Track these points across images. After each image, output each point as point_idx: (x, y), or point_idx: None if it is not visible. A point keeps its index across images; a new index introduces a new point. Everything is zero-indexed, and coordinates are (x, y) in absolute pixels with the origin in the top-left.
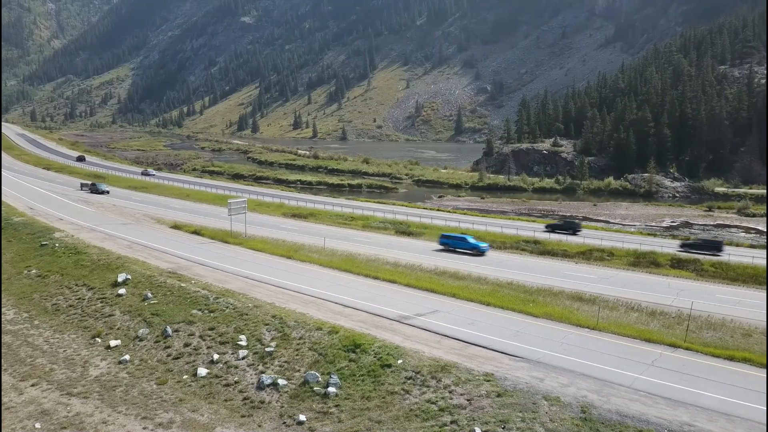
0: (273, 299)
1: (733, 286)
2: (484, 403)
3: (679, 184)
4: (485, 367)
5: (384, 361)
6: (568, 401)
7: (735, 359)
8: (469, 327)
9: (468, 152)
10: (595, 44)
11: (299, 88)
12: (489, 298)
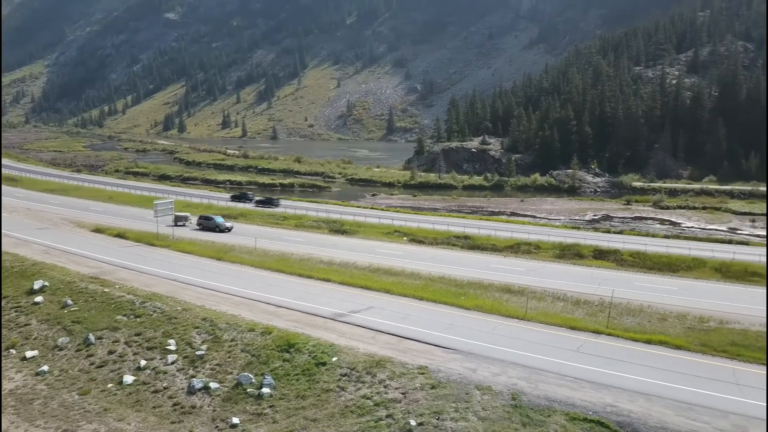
0: (203, 302)
1: (650, 274)
2: (418, 396)
3: (600, 179)
4: (419, 361)
5: (319, 360)
6: (499, 389)
7: (652, 342)
8: (404, 322)
9: (400, 151)
10: (520, 45)
11: (228, 86)
12: (422, 292)
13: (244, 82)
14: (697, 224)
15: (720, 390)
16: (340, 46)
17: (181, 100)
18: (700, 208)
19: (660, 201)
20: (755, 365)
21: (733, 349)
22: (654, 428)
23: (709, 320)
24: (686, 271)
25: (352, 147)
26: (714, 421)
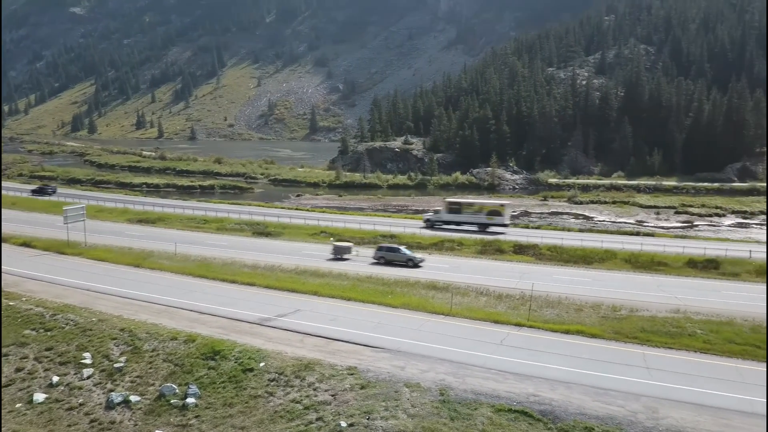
0: (120, 311)
1: (566, 267)
2: (348, 397)
3: (518, 176)
4: (348, 361)
5: (246, 366)
6: (427, 386)
7: (570, 332)
8: (332, 323)
9: (324, 151)
10: (439, 46)
11: (141, 85)
12: (350, 293)
13: (159, 81)
14: (608, 218)
15: (632, 374)
16: (259, 44)
17: (90, 99)
18: (610, 203)
19: (574, 196)
20: (662, 349)
21: (643, 335)
22: (574, 414)
23: (621, 309)
24: (599, 263)
25: (275, 147)
26: (627, 404)
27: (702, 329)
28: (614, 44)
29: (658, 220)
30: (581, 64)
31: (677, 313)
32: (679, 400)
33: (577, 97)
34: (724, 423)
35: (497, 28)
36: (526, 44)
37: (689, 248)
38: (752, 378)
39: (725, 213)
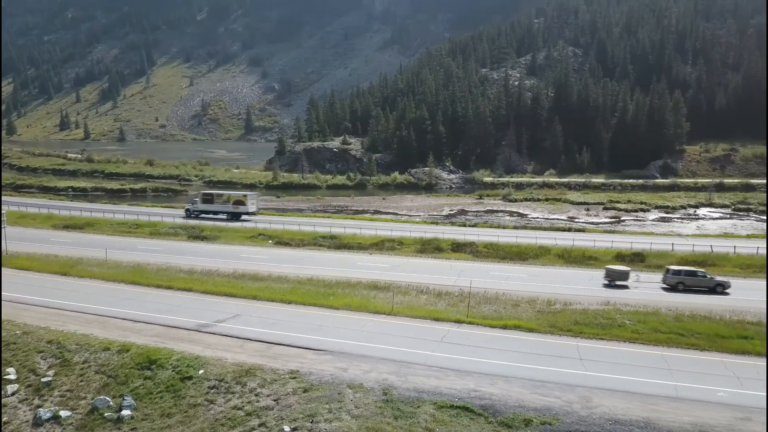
0: (47, 322)
1: (503, 263)
2: (291, 401)
3: (455, 176)
4: (290, 365)
5: (184, 374)
6: (370, 386)
7: (508, 327)
8: (273, 327)
9: (260, 151)
10: (375, 46)
11: (65, 84)
12: (290, 296)
13: (84, 80)
14: (541, 215)
15: (567, 366)
16: (191, 43)
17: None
18: (543, 200)
19: (508, 194)
20: (594, 340)
21: (576, 328)
22: (513, 407)
23: (555, 303)
24: (534, 258)
25: (209, 148)
26: (563, 395)
27: (630, 320)
28: (544, 46)
29: (588, 216)
30: (513, 65)
31: (607, 305)
32: (611, 388)
33: (509, 98)
34: (652, 408)
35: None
36: (460, 45)
37: (617, 242)
38: (676, 364)
39: (649, 208)
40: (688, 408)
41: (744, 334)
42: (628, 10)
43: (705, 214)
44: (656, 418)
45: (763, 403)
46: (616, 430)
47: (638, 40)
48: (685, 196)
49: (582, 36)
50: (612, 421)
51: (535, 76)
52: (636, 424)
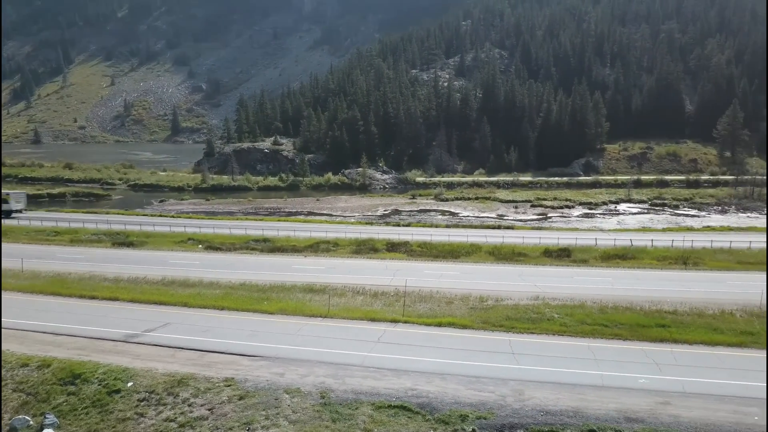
0: None
1: (436, 262)
2: (226, 410)
3: (388, 176)
4: (225, 373)
5: (111, 387)
6: (308, 390)
7: (443, 325)
8: (205, 334)
9: (188, 153)
10: (305, 46)
11: None
12: (223, 301)
13: None
14: (472, 213)
15: (500, 360)
16: (111, 41)
17: None
18: (473, 199)
19: (440, 194)
20: (526, 334)
21: (508, 323)
22: (449, 404)
23: (487, 299)
24: (466, 256)
25: (133, 150)
26: (497, 389)
27: (558, 313)
28: (471, 48)
29: (517, 213)
30: (442, 66)
31: (537, 299)
32: (542, 380)
33: (439, 99)
34: (580, 397)
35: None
36: (390, 46)
37: (545, 239)
38: (602, 354)
39: (574, 205)
40: (614, 395)
41: (662, 323)
42: (551, 14)
43: (625, 210)
44: (584, 407)
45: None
46: (547, 420)
47: (560, 43)
48: (607, 193)
49: (507, 38)
50: (543, 412)
51: (463, 77)
52: (566, 413)
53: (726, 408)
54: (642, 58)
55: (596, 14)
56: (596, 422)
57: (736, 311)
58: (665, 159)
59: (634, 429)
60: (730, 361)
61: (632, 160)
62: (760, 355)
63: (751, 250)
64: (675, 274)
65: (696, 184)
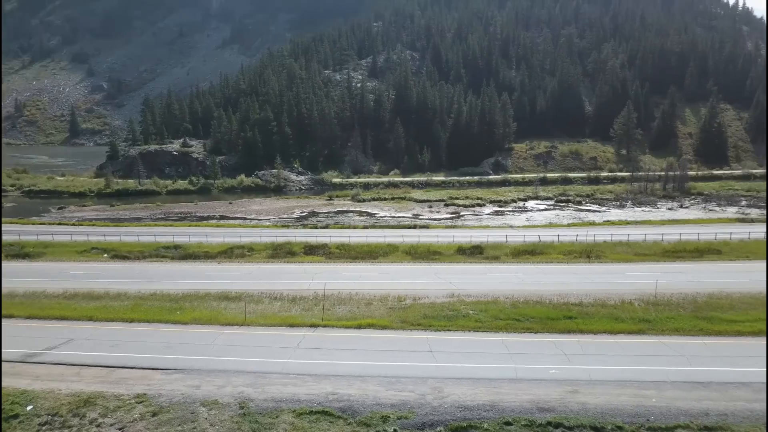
0: None
1: (355, 263)
2: (139, 427)
3: (304, 177)
4: (136, 389)
5: (8, 413)
6: (226, 401)
7: (362, 327)
8: (113, 350)
9: (89, 156)
10: (213, 44)
11: None
12: (132, 313)
13: None
14: (388, 213)
15: (419, 359)
16: None
17: None
18: (389, 199)
19: (357, 195)
20: (443, 332)
21: (426, 321)
22: (370, 406)
23: (405, 299)
24: (384, 256)
25: (27, 153)
26: (417, 388)
27: (473, 310)
28: (383, 49)
29: (431, 212)
30: (355, 67)
31: (453, 297)
32: (460, 377)
33: (353, 99)
34: (496, 391)
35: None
36: (302, 46)
37: (458, 237)
38: (515, 348)
39: (485, 203)
40: (527, 387)
41: (569, 315)
42: (459, 17)
43: (533, 207)
44: (500, 400)
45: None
46: (465, 416)
47: (469, 46)
48: (515, 191)
49: (418, 40)
50: (462, 408)
51: (376, 78)
52: (483, 408)
53: (627, 392)
54: (545, 61)
55: (502, 18)
56: (511, 414)
57: (634, 300)
58: (568, 157)
59: (546, 418)
60: (630, 347)
61: (538, 159)
62: (656, 340)
63: (646, 242)
64: (580, 267)
65: (596, 180)
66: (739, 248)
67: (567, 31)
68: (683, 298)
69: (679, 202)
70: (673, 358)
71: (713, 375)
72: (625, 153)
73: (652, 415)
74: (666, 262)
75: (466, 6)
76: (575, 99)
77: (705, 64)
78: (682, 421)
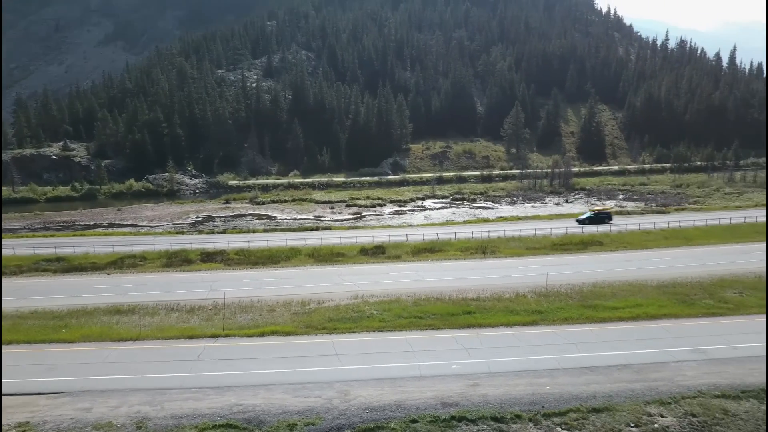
0: None
1: (256, 269)
2: None
3: (198, 180)
4: (17, 417)
5: None
6: (121, 422)
7: (266, 334)
8: None
9: None
10: (95, 41)
11: None
12: (10, 334)
13: None
14: (289, 216)
15: (325, 364)
16: None
17: None
18: (290, 201)
19: (255, 197)
20: (348, 334)
21: (331, 325)
22: (277, 415)
23: (309, 303)
24: (286, 261)
25: None
26: (324, 393)
27: (377, 310)
28: (278, 49)
29: (333, 214)
30: (249, 66)
31: (357, 298)
32: (366, 378)
33: (248, 100)
34: (401, 390)
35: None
36: (193, 45)
37: (361, 238)
38: (418, 345)
39: (385, 203)
40: (431, 384)
41: (468, 310)
42: (354, 18)
43: (430, 205)
44: (405, 399)
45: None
46: (372, 417)
47: (364, 47)
48: (414, 190)
49: (314, 40)
50: (369, 409)
51: (272, 78)
52: (389, 407)
53: (524, 382)
54: (438, 63)
55: (395, 20)
56: (417, 411)
57: (528, 293)
58: (462, 157)
59: (450, 413)
60: (525, 338)
61: (434, 159)
62: (548, 330)
63: (536, 236)
64: (476, 263)
65: (489, 178)
66: (618, 239)
67: (458, 34)
68: (571, 289)
69: (564, 197)
70: (564, 346)
71: (599, 360)
72: (515, 151)
73: (546, 402)
74: (554, 254)
75: (360, 7)
76: (468, 100)
77: (583, 68)
78: (573, 405)
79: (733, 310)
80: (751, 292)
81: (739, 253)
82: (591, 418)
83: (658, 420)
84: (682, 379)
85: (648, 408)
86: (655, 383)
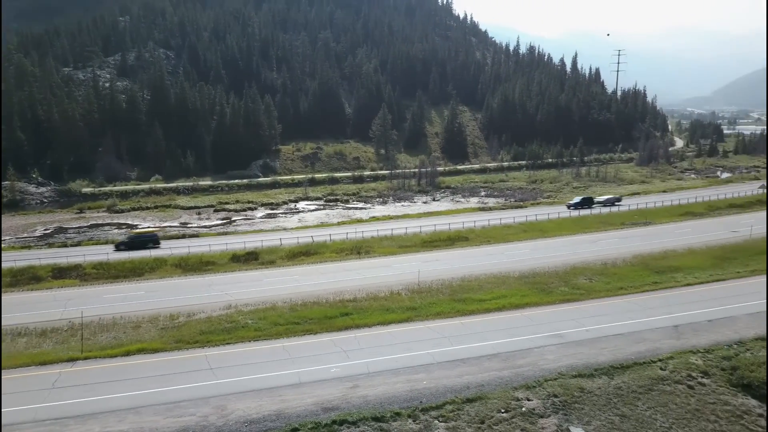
0: None
1: (117, 283)
2: None
3: (46, 188)
4: None
5: None
6: None
7: (131, 353)
8: None
9: None
10: None
11: None
12: None
13: None
14: (152, 223)
15: (199, 379)
16: None
17: None
18: (152, 208)
19: (114, 205)
20: (222, 346)
21: (203, 338)
22: None
23: (179, 316)
24: (150, 272)
25: None
26: (199, 410)
27: (252, 319)
28: (133, 46)
29: (201, 219)
30: (101, 65)
31: (230, 308)
32: (243, 390)
33: (102, 100)
34: (281, 399)
35: None
36: (33, 40)
37: (232, 244)
38: (296, 352)
39: (256, 206)
40: (310, 390)
41: (345, 311)
42: (215, 16)
43: (304, 207)
44: (285, 408)
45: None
46: (252, 429)
47: (228, 46)
48: (286, 192)
49: (173, 38)
50: (248, 422)
51: (127, 77)
52: (269, 418)
53: (402, 379)
54: (305, 64)
55: (259, 20)
56: (297, 419)
57: (402, 290)
58: (333, 158)
59: (332, 417)
60: (400, 336)
61: (305, 160)
62: (422, 326)
63: (407, 234)
64: (352, 263)
65: (360, 179)
66: (482, 234)
67: (324, 35)
68: (441, 284)
69: (431, 195)
70: (438, 340)
71: (470, 351)
72: (383, 152)
73: (423, 397)
74: (425, 251)
75: (222, 5)
76: (336, 101)
77: (444, 70)
78: (449, 398)
79: (584, 295)
80: (598, 278)
81: (587, 242)
82: (465, 408)
83: (525, 404)
84: (545, 363)
85: (516, 393)
86: (521, 369)
